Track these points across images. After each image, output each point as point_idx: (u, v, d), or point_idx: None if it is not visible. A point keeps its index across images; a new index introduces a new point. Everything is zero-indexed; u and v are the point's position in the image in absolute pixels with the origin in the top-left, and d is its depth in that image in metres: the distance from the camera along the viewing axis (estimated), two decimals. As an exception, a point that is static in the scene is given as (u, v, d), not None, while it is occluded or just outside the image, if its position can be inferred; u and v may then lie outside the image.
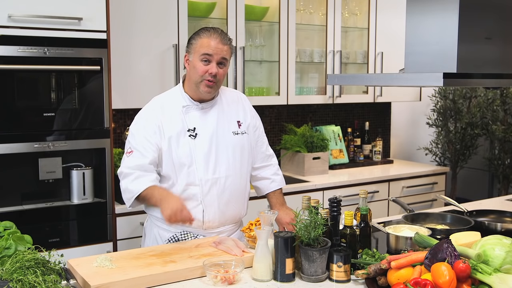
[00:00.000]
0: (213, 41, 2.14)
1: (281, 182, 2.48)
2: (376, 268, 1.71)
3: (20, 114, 2.67)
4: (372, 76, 3.06)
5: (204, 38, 2.15)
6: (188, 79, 2.23)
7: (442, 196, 2.70)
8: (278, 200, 2.43)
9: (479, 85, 2.90)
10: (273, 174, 2.46)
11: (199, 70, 2.15)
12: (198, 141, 2.19)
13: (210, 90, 2.18)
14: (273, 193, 2.45)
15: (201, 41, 2.16)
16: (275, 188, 2.45)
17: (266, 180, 2.45)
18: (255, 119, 2.40)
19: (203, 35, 2.17)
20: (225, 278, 1.74)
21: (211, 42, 2.14)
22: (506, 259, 1.67)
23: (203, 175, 2.19)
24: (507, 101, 4.48)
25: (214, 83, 2.17)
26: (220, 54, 2.15)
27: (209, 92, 2.18)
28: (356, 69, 4.41)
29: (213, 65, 2.14)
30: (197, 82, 2.17)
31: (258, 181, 2.46)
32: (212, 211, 2.21)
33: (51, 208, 2.79)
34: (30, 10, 2.61)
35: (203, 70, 2.14)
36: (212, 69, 2.14)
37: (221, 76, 2.18)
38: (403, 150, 5.10)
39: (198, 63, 2.15)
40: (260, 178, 2.45)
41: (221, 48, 2.15)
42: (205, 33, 2.17)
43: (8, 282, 1.52)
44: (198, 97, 2.22)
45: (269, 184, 2.45)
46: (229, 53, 2.19)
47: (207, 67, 2.14)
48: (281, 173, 2.52)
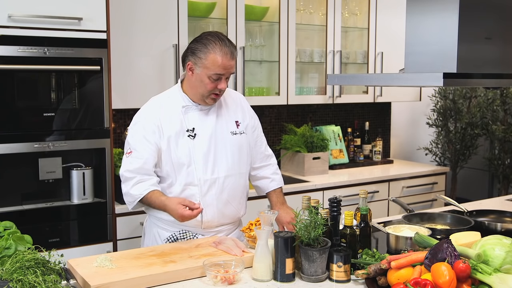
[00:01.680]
0: (225, 59, 2.10)
1: (280, 181, 2.49)
2: (376, 268, 1.71)
3: (20, 114, 2.67)
4: (372, 76, 3.06)
5: (216, 55, 2.09)
6: (191, 86, 2.20)
7: (442, 196, 2.70)
8: (278, 199, 2.43)
9: (479, 85, 2.90)
10: (273, 174, 2.47)
11: (208, 86, 2.13)
12: (197, 142, 2.19)
13: (216, 102, 2.21)
14: (274, 192, 2.45)
15: (212, 59, 2.09)
16: (275, 187, 2.45)
17: (266, 180, 2.45)
18: (254, 119, 2.40)
19: (213, 51, 2.09)
20: (225, 278, 1.74)
21: (224, 62, 2.10)
22: (506, 259, 1.67)
23: (202, 175, 2.19)
24: (507, 101, 4.48)
25: (220, 96, 2.19)
26: (230, 71, 2.14)
27: (215, 103, 2.22)
28: (356, 69, 4.41)
29: (223, 81, 2.14)
30: (204, 95, 2.16)
31: (258, 180, 2.46)
32: (211, 211, 2.21)
33: (51, 208, 2.79)
34: (30, 10, 2.61)
35: (212, 86, 2.13)
36: (222, 85, 2.14)
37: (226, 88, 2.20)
38: (403, 150, 5.10)
39: (207, 79, 2.12)
40: (260, 178, 2.46)
41: (232, 65, 2.13)
42: (215, 48, 2.09)
43: (8, 282, 1.52)
44: (198, 100, 2.22)
45: (269, 183, 2.45)
46: (235, 64, 2.18)
47: (216, 83, 2.13)
48: (280, 172, 2.53)
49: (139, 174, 2.15)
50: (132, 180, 2.14)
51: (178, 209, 2.02)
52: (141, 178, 2.14)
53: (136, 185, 2.14)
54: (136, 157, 2.15)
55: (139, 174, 2.15)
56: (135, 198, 2.14)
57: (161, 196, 2.12)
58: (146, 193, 2.12)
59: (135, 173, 2.14)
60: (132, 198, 2.15)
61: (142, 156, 2.15)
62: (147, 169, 2.15)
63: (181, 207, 2.02)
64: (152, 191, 2.13)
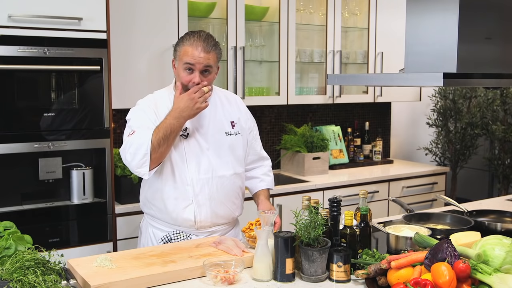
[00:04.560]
0: (195, 50, 2.10)
1: (270, 183, 2.46)
2: (376, 268, 1.71)
3: (20, 114, 2.67)
4: (372, 76, 3.06)
5: (187, 46, 2.12)
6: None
7: (442, 196, 2.70)
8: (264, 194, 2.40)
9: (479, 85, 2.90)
10: (263, 174, 2.45)
11: (183, 79, 2.14)
12: (189, 141, 2.19)
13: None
14: (260, 192, 2.42)
15: (184, 49, 2.13)
16: (263, 188, 2.43)
17: (255, 179, 2.44)
18: (250, 121, 2.39)
19: (187, 42, 2.13)
20: (225, 278, 1.74)
21: (194, 52, 2.10)
22: (506, 259, 1.67)
23: (194, 175, 2.18)
24: (507, 101, 4.48)
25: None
26: (202, 63, 2.12)
27: None
28: (356, 69, 4.41)
29: (196, 75, 2.12)
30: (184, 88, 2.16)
31: (248, 180, 2.44)
32: (204, 211, 2.21)
33: (51, 208, 2.79)
34: (30, 10, 2.61)
35: (186, 80, 2.14)
36: (195, 79, 2.12)
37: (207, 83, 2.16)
38: (403, 150, 5.10)
39: (182, 72, 2.14)
40: (250, 178, 2.44)
41: (204, 56, 2.11)
42: (189, 40, 2.13)
43: (8, 282, 1.52)
44: None
45: (257, 183, 2.43)
46: (214, 59, 2.15)
47: (190, 77, 2.13)
48: (273, 175, 2.49)
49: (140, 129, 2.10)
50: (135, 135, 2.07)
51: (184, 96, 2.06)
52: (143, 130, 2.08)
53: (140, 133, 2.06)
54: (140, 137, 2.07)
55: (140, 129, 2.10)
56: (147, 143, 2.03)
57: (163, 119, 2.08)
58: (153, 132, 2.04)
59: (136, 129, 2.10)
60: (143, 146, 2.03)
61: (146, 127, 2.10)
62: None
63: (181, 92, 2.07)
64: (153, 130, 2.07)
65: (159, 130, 2.06)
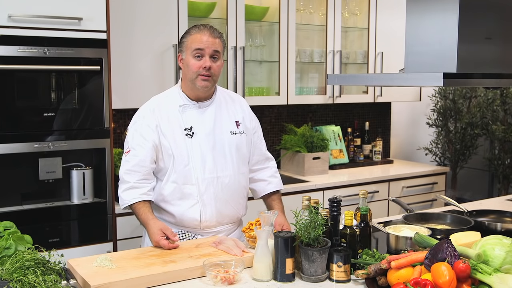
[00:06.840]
0: (203, 35, 2.16)
1: (279, 184, 2.44)
2: (376, 268, 1.71)
3: (20, 114, 2.67)
4: (372, 76, 3.06)
5: (194, 34, 2.18)
6: (184, 78, 2.23)
7: (442, 196, 2.70)
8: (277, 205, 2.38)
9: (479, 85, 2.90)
10: (270, 176, 2.43)
11: (193, 66, 2.15)
12: (194, 140, 2.19)
13: (207, 84, 2.17)
14: (272, 199, 2.41)
15: (191, 38, 2.18)
16: (272, 190, 2.41)
17: (263, 182, 2.42)
18: (254, 122, 2.39)
19: (193, 31, 2.19)
20: (225, 278, 1.74)
21: (202, 37, 2.15)
22: (506, 259, 1.67)
23: (199, 174, 2.19)
24: (507, 101, 4.47)
25: (210, 77, 2.17)
26: (211, 47, 2.16)
27: (206, 87, 2.18)
28: (356, 69, 4.41)
29: (206, 59, 2.15)
30: (192, 78, 2.17)
31: (255, 183, 2.43)
32: (209, 211, 2.21)
33: (51, 208, 2.79)
34: (30, 10, 2.61)
35: (197, 65, 2.15)
36: (206, 63, 2.15)
37: (216, 70, 2.18)
38: (403, 150, 5.10)
39: (191, 59, 2.16)
40: (257, 180, 2.42)
41: (212, 41, 2.16)
42: (195, 29, 2.20)
43: (8, 282, 1.52)
44: (196, 95, 2.22)
45: (265, 186, 2.41)
46: (221, 46, 2.20)
47: (201, 62, 2.15)
48: (279, 176, 2.47)
49: (136, 172, 2.16)
50: (126, 184, 2.18)
51: (157, 235, 2.04)
52: (135, 184, 2.17)
53: (128, 190, 2.17)
54: (134, 155, 2.18)
55: (136, 172, 2.16)
56: (124, 203, 2.19)
57: (148, 212, 2.14)
58: (135, 202, 2.16)
59: (132, 171, 2.17)
60: (122, 202, 2.20)
61: (140, 153, 2.17)
62: (144, 166, 2.17)
63: (160, 234, 2.04)
64: (142, 202, 2.16)
65: (138, 212, 2.15)
